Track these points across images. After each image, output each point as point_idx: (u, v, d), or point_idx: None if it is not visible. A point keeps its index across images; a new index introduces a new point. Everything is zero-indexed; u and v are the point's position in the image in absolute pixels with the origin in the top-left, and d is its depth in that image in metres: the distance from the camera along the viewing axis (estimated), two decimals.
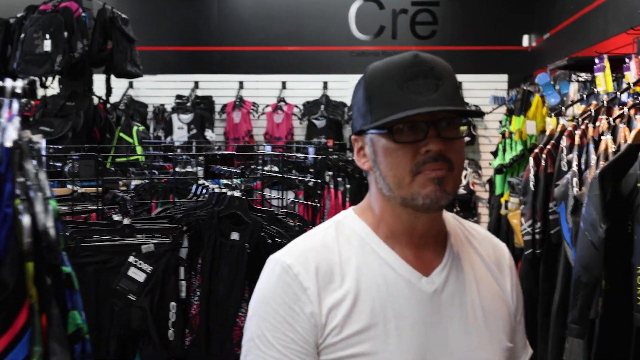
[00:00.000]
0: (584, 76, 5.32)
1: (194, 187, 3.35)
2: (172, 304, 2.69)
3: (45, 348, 1.28)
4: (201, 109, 8.69)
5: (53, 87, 6.26)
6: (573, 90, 5.52)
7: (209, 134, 8.56)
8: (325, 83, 8.89)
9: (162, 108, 8.85)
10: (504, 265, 1.54)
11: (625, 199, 2.74)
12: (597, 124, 3.62)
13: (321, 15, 9.07)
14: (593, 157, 3.44)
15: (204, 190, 3.27)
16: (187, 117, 8.61)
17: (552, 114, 4.76)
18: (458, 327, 1.44)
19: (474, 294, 1.47)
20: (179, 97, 8.88)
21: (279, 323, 1.39)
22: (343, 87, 8.91)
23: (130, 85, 8.86)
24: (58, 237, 1.31)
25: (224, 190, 2.85)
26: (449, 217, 1.54)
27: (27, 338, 1.25)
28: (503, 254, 1.56)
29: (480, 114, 1.50)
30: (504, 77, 8.66)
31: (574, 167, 3.64)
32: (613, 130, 3.48)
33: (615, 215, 2.73)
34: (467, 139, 8.54)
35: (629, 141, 2.85)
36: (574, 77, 5.54)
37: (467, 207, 8.63)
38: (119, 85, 7.92)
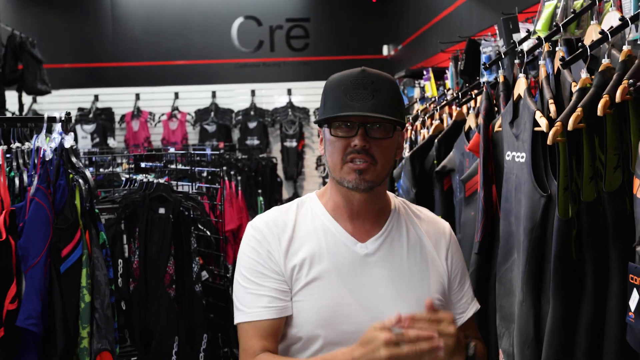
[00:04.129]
0: (423, 83, 6.69)
1: (124, 180, 4.44)
2: (119, 260, 3.78)
3: (89, 250, 2.43)
4: (102, 120, 9.62)
5: None
6: (417, 93, 6.87)
7: (111, 141, 9.52)
8: (213, 92, 9.98)
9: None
10: (441, 240, 1.90)
11: (428, 172, 4.04)
12: (419, 121, 4.94)
13: (207, 31, 10.16)
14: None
15: (132, 182, 4.36)
16: (90, 127, 9.54)
17: None
18: (384, 282, 1.80)
19: (404, 259, 1.83)
20: (80, 109, 9.77)
21: (253, 264, 1.81)
22: (230, 96, 10.04)
23: (34, 100, 9.67)
24: (93, 190, 2.47)
25: (151, 180, 3.96)
26: (397, 201, 1.92)
27: (81, 244, 2.39)
28: (442, 231, 1.92)
29: (395, 122, 1.75)
30: None
31: (407, 154, 4.95)
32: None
33: (422, 184, 4.03)
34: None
35: (429, 133, 4.17)
36: (416, 83, 6.90)
37: None
38: (24, 100, 8.67)
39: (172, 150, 5.85)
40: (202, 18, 10.18)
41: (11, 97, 8.05)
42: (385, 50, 9.95)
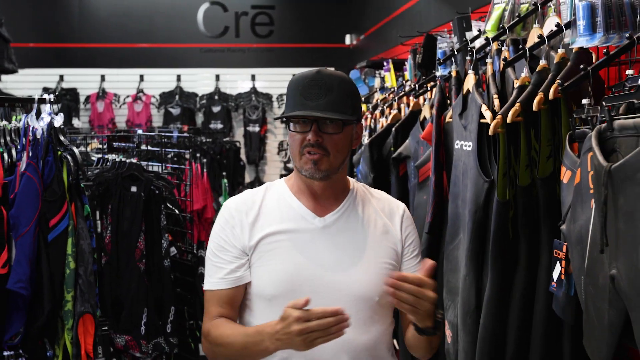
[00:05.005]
0: (383, 73, 6.96)
1: (96, 159, 4.63)
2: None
3: (75, 221, 2.65)
4: (67, 100, 9.72)
5: None
6: (377, 83, 7.14)
7: (75, 122, 9.62)
8: (178, 76, 10.13)
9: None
10: (395, 214, 2.13)
11: (385, 158, 4.32)
12: (378, 110, 5.21)
13: (173, 15, 10.28)
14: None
15: (104, 162, 4.55)
16: (55, 107, 9.63)
17: None
18: (339, 250, 2.02)
19: (359, 231, 2.05)
20: (45, 89, 9.84)
21: (219, 240, 2.07)
22: (194, 80, 10.20)
23: None
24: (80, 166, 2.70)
25: (123, 159, 4.17)
26: (357, 185, 2.16)
27: (68, 216, 2.61)
28: (397, 208, 2.15)
29: (342, 120, 1.97)
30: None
31: (366, 141, 5.22)
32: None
33: (379, 169, 4.30)
34: None
35: (387, 122, 4.44)
36: (377, 73, 7.17)
37: None
38: None
39: (139, 132, 6.04)
40: (168, 2, 10.30)
41: None
42: (347, 39, 10.19)
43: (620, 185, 1.62)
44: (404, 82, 5.49)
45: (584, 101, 2.05)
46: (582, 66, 2.11)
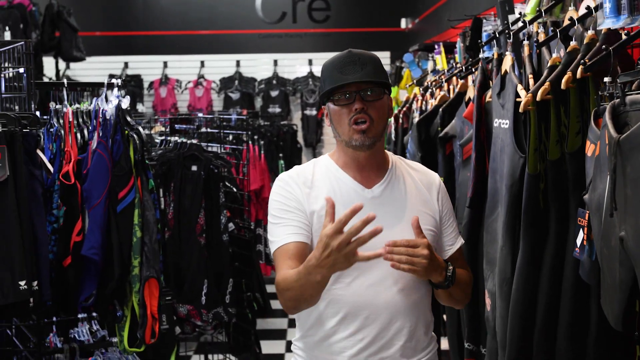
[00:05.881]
0: (435, 56, 7.09)
1: (159, 141, 4.92)
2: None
3: (140, 194, 2.94)
4: (132, 86, 10.10)
5: None
6: (430, 66, 7.27)
7: (139, 107, 10.00)
8: (237, 61, 10.41)
9: None
10: (432, 186, 2.31)
11: (432, 138, 4.48)
12: (429, 92, 5.37)
13: (232, 2, 10.55)
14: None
15: (167, 143, 4.84)
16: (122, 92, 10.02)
17: (407, 85, 6.52)
18: (390, 218, 2.15)
19: (404, 201, 2.23)
20: (111, 76, 10.24)
21: (280, 205, 2.21)
22: (253, 65, 10.46)
23: (68, 66, 10.14)
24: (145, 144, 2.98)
25: (185, 141, 4.44)
26: (394, 157, 2.32)
27: (134, 189, 2.89)
28: (433, 180, 2.33)
29: (384, 84, 2.19)
30: (387, 54, 10.12)
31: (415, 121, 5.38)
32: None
33: (427, 149, 4.47)
34: None
35: (435, 103, 4.60)
36: (429, 56, 7.30)
37: None
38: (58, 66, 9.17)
39: (200, 114, 6.33)
40: None
41: (47, 62, 8.56)
42: (403, 23, 10.29)
43: (627, 154, 1.77)
44: (454, 64, 5.62)
45: (606, 79, 2.20)
46: (604, 46, 2.25)
